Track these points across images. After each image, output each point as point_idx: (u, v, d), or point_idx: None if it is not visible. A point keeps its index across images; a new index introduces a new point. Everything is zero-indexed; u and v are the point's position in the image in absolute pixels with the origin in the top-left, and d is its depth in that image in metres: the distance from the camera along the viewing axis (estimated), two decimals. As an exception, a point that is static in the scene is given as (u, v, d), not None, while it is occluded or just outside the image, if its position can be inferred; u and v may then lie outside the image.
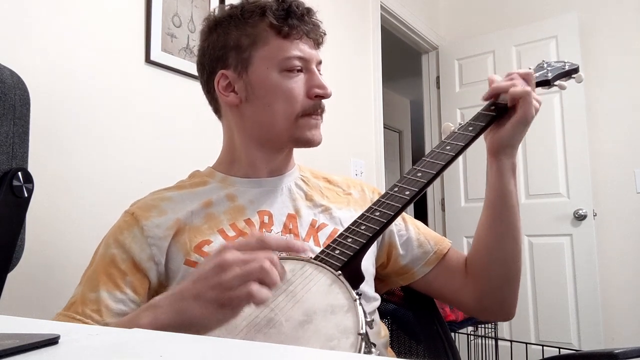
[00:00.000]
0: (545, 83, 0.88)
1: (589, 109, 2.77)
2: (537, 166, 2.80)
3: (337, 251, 0.66)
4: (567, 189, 2.72)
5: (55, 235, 1.15)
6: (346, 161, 2.24)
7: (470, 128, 0.78)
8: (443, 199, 3.17)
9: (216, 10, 0.86)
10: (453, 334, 1.12)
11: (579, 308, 2.62)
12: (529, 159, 2.83)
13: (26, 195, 0.57)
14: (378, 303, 0.85)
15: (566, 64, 0.90)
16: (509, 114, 0.79)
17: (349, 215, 0.84)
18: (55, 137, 1.16)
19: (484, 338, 2.49)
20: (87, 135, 1.23)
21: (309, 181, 0.90)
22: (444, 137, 0.80)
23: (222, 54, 0.82)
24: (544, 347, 2.39)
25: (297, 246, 0.58)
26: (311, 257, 0.65)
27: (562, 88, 0.89)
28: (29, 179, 0.57)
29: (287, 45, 0.79)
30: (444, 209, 3.16)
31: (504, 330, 2.71)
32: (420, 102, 3.52)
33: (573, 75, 0.90)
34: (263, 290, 0.51)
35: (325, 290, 0.58)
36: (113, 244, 0.76)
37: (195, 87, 1.01)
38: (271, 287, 0.52)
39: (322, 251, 0.67)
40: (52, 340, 0.34)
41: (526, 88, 0.77)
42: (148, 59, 1.38)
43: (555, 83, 0.89)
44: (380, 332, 0.82)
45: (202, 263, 0.56)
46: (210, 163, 0.90)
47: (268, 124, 0.81)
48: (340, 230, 0.71)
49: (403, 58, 3.58)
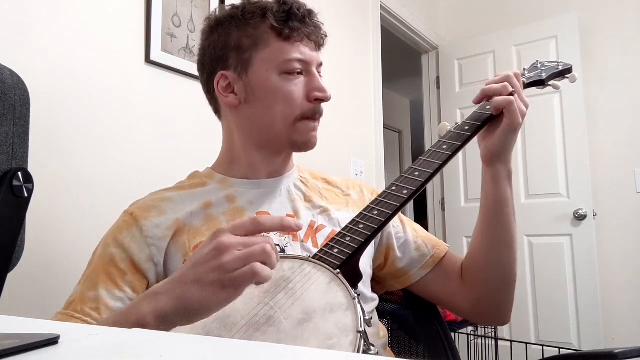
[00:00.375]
0: (539, 83, 0.88)
1: (589, 109, 2.77)
2: (537, 166, 2.80)
3: (336, 250, 0.66)
4: (567, 189, 2.71)
5: (55, 235, 1.15)
6: (346, 161, 2.24)
7: (467, 127, 0.79)
8: (443, 199, 3.16)
9: (217, 10, 0.86)
10: (453, 334, 1.12)
11: (579, 308, 2.61)
12: (529, 159, 2.82)
13: (26, 195, 0.57)
14: (376, 303, 0.85)
15: (560, 64, 0.90)
16: (498, 120, 0.79)
17: (347, 216, 0.84)
18: (55, 137, 1.17)
19: (484, 338, 2.49)
20: (87, 135, 1.23)
21: (307, 182, 0.90)
22: (440, 137, 0.80)
23: (223, 55, 0.82)
24: (544, 347, 2.39)
25: (292, 224, 0.57)
26: (310, 256, 0.65)
27: (556, 88, 0.89)
28: (29, 179, 0.57)
29: (288, 48, 0.79)
30: (444, 209, 3.16)
31: (504, 330, 2.71)
32: (420, 102, 3.52)
33: (567, 75, 0.90)
34: (267, 269, 0.51)
35: (324, 288, 0.58)
36: (112, 243, 0.76)
37: (195, 87, 1.01)
38: (272, 269, 0.52)
39: (321, 250, 0.67)
40: (52, 340, 0.34)
41: (509, 97, 0.76)
42: (148, 59, 1.38)
43: (549, 83, 0.89)
44: (379, 333, 0.82)
45: (199, 248, 0.55)
46: (210, 163, 0.90)
47: (267, 126, 0.81)
48: None
49: (403, 58, 3.58)
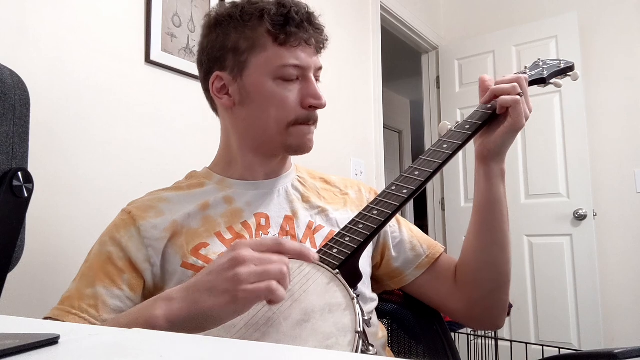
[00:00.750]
0: (541, 81, 0.87)
1: (589, 109, 2.76)
2: (537, 166, 2.80)
3: (335, 250, 0.66)
4: (567, 189, 2.71)
5: (55, 235, 1.15)
6: (346, 161, 2.24)
7: (467, 126, 0.78)
8: (443, 198, 3.16)
9: (216, 8, 0.84)
10: (453, 334, 1.12)
11: (579, 308, 2.61)
12: (529, 159, 2.82)
13: (26, 195, 0.57)
14: (376, 304, 0.85)
15: (562, 62, 0.90)
16: (499, 120, 0.78)
17: (345, 216, 0.84)
18: (55, 137, 1.17)
19: (484, 338, 2.49)
20: (87, 135, 1.23)
21: (305, 182, 0.90)
22: (441, 136, 0.80)
23: (220, 55, 0.81)
24: (544, 347, 2.39)
25: (310, 255, 0.58)
26: None
27: (558, 86, 0.89)
28: (29, 179, 0.57)
29: (284, 53, 0.77)
30: (443, 209, 3.15)
31: (504, 330, 2.70)
32: (420, 102, 3.52)
33: (569, 73, 0.90)
34: (282, 289, 0.52)
35: (323, 289, 0.58)
36: (109, 241, 0.76)
37: (195, 87, 1.01)
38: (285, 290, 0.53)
39: (320, 250, 0.67)
40: (52, 340, 0.34)
41: (515, 97, 0.75)
42: (148, 59, 1.38)
43: (551, 81, 0.88)
44: (377, 333, 0.82)
45: (218, 257, 0.56)
46: (209, 163, 0.90)
47: (260, 130, 0.80)
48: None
49: (403, 58, 3.58)
